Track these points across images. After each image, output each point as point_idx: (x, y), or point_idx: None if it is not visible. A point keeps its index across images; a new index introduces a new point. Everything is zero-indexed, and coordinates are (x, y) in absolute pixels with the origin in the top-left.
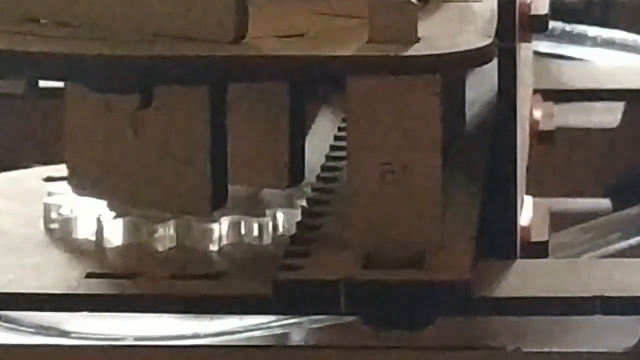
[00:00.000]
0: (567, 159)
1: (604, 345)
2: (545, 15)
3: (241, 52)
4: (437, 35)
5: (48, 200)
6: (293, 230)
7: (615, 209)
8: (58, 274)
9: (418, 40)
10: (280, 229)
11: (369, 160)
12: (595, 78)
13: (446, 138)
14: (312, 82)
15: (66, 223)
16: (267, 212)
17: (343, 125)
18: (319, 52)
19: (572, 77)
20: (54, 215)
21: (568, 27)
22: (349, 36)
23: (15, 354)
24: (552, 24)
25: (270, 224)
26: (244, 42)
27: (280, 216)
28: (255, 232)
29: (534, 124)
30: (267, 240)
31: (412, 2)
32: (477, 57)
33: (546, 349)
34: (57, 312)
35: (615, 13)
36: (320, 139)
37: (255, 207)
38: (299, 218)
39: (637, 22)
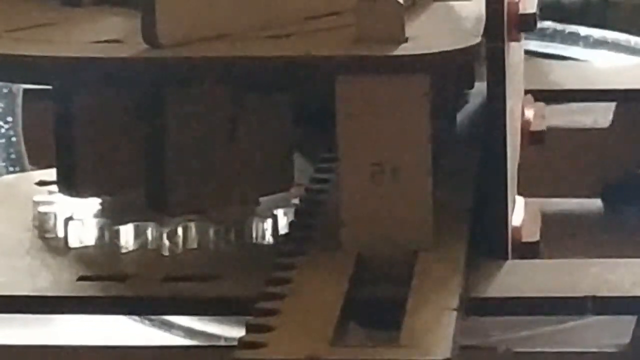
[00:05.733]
0: (559, 160)
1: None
2: (534, 14)
3: (228, 53)
4: (425, 35)
5: (40, 204)
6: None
7: (607, 209)
8: (51, 276)
9: (406, 40)
10: (272, 231)
11: (359, 161)
12: (586, 78)
13: (436, 138)
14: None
15: (58, 227)
16: (259, 215)
17: None
18: (307, 53)
19: (564, 78)
20: (45, 219)
21: (560, 26)
22: (336, 36)
23: (14, 353)
24: (544, 23)
25: (262, 227)
26: (231, 43)
27: (272, 219)
28: (247, 234)
29: (525, 124)
30: (258, 242)
31: (400, 2)
32: (465, 57)
33: (538, 349)
34: (50, 315)
35: (613, 13)
36: None
37: (246, 210)
38: (290, 220)
39: (635, 23)
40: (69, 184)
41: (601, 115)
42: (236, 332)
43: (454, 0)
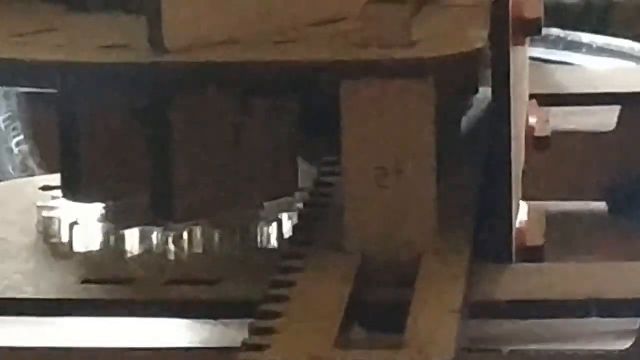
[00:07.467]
0: (563, 163)
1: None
2: (539, 18)
3: (233, 58)
4: (430, 39)
5: (44, 209)
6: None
7: (611, 212)
8: (54, 280)
9: (411, 44)
10: (277, 235)
11: (363, 164)
12: (590, 82)
13: (440, 142)
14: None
15: (62, 231)
16: (264, 219)
17: None
18: (312, 57)
19: (567, 81)
20: (50, 223)
21: (562, 33)
22: (341, 41)
23: (14, 354)
24: (548, 30)
25: (267, 231)
26: (237, 48)
27: (277, 223)
28: (252, 238)
29: (529, 129)
30: (263, 245)
31: (405, 6)
32: (469, 61)
33: (542, 350)
34: (53, 318)
35: (615, 16)
36: None
37: (251, 214)
38: (293, 224)
39: (637, 25)
40: (74, 189)
41: (605, 118)
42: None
43: (459, 4)
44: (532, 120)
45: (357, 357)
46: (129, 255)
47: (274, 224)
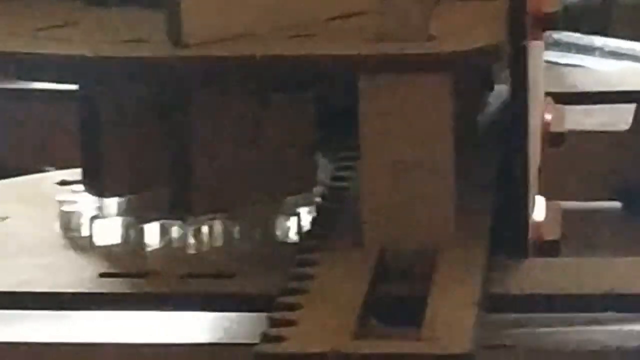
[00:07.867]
0: (579, 162)
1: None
2: (557, 12)
3: (252, 52)
4: (449, 33)
5: (64, 203)
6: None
7: (626, 212)
8: (72, 274)
9: (430, 38)
10: (296, 229)
11: (381, 158)
12: (605, 81)
13: (458, 137)
14: (325, 82)
15: (82, 225)
16: (283, 213)
17: None
18: (331, 52)
19: (583, 81)
20: (70, 217)
21: (575, 37)
22: (360, 35)
23: (15, 353)
24: (559, 34)
25: (287, 225)
26: (255, 42)
27: (296, 217)
28: (271, 232)
29: (545, 126)
30: (282, 239)
31: (424, 1)
32: (488, 55)
33: (554, 347)
34: (70, 311)
35: (614, 17)
36: None
37: (270, 209)
38: (311, 218)
39: (636, 26)
40: (95, 183)
41: (621, 117)
42: None
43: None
44: (548, 116)
45: (376, 349)
46: (149, 249)
47: (293, 218)
